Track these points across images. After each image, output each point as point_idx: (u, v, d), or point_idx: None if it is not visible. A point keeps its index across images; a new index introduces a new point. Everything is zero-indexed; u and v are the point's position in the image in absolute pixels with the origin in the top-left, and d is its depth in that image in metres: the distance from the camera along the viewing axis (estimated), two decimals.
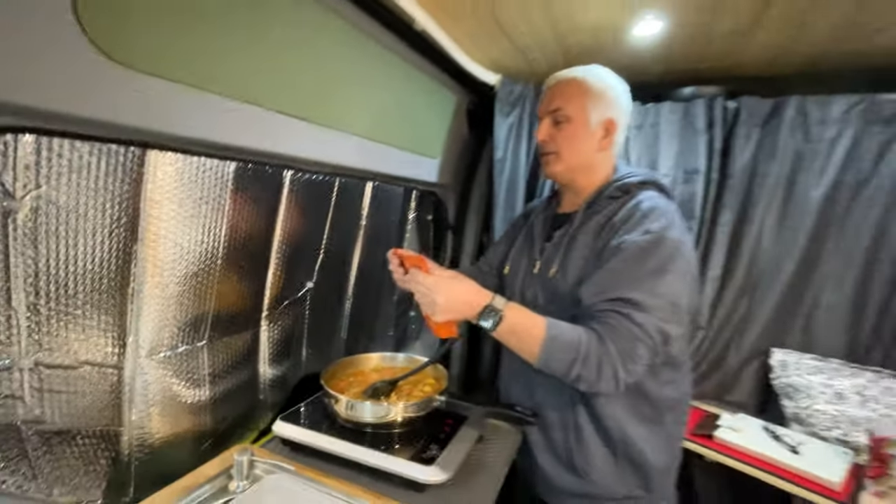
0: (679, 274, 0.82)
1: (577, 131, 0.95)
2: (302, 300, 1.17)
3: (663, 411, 0.93)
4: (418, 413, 0.94)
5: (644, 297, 0.79)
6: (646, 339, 0.79)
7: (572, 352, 0.79)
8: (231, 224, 0.90)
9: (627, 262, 0.82)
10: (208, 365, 0.92)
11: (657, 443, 0.93)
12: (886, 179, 1.26)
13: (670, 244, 0.83)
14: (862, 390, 1.28)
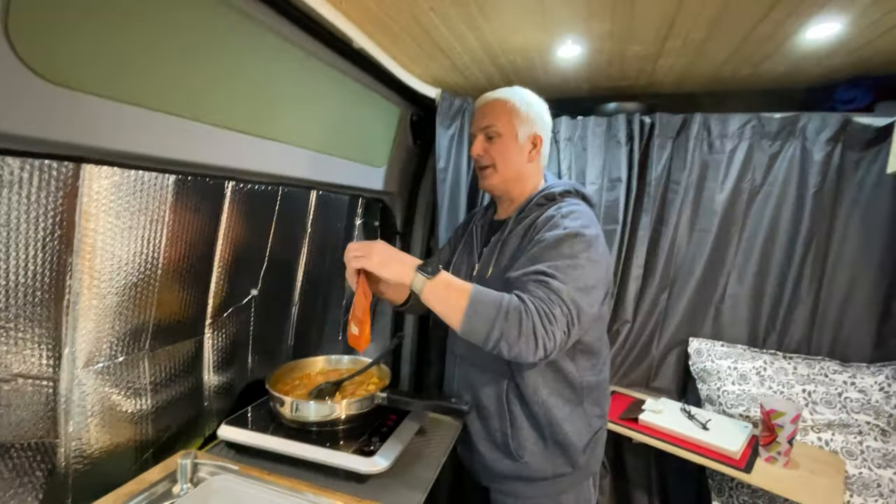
0: (591, 262, 0.92)
1: (507, 145, 1.05)
2: (247, 307, 1.19)
3: (583, 395, 1.04)
4: (361, 410, 0.99)
5: (559, 273, 0.88)
6: (561, 304, 0.85)
7: (494, 308, 0.84)
8: (171, 234, 0.91)
9: (546, 248, 0.92)
10: (149, 374, 0.93)
11: (578, 423, 1.03)
12: (775, 187, 1.46)
13: (585, 238, 0.93)
14: (761, 371, 1.46)
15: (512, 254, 1.02)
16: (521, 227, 1.03)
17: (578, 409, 1.04)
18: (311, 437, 0.94)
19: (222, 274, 1.08)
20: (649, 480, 1.65)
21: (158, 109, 0.76)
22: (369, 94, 1.36)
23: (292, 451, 0.89)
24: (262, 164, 1.04)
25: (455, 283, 0.89)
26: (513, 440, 1.03)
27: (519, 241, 1.02)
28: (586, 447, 1.05)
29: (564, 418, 1.01)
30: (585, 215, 0.99)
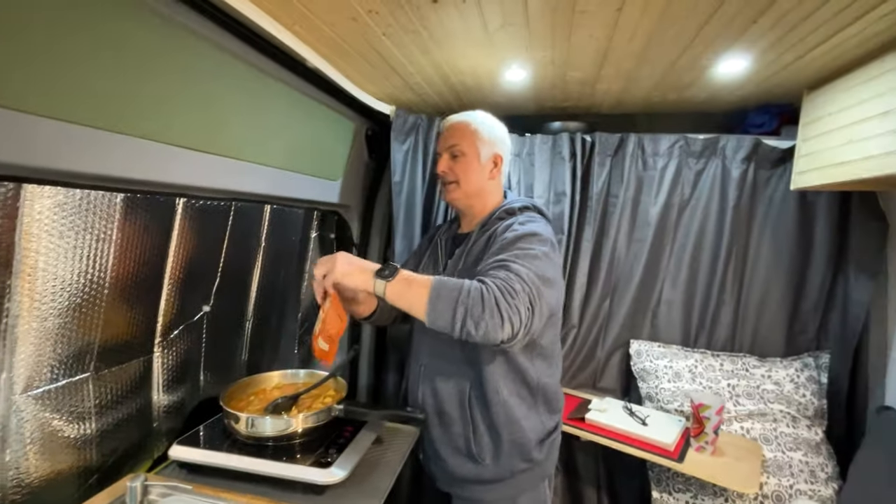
0: (548, 258, 1.01)
1: (470, 163, 1.16)
2: (199, 324, 1.17)
3: (538, 396, 1.12)
4: (318, 423, 1.01)
5: (518, 259, 0.96)
6: (521, 282, 0.91)
7: (456, 289, 0.88)
8: (119, 253, 0.90)
9: (506, 245, 1.01)
10: (94, 397, 0.91)
11: (533, 421, 1.11)
12: (700, 201, 1.61)
13: (542, 238, 1.03)
14: (692, 369, 1.60)
15: (475, 260, 1.09)
16: (484, 238, 1.11)
17: (534, 409, 1.11)
18: (267, 453, 0.94)
19: (173, 291, 1.06)
20: (598, 477, 1.75)
21: (104, 128, 0.75)
22: (324, 110, 1.38)
23: (248, 466, 0.90)
24: (213, 180, 1.04)
25: (415, 277, 0.93)
26: (475, 444, 1.09)
27: (481, 249, 1.10)
28: (541, 443, 1.12)
29: (522, 416, 1.08)
30: (541, 225, 1.10)
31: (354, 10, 0.94)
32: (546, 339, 1.12)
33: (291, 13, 0.94)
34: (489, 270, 0.96)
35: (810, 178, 1.34)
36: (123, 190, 0.87)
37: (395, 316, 1.29)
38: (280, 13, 0.93)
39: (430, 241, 1.32)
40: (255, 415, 0.97)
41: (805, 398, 1.50)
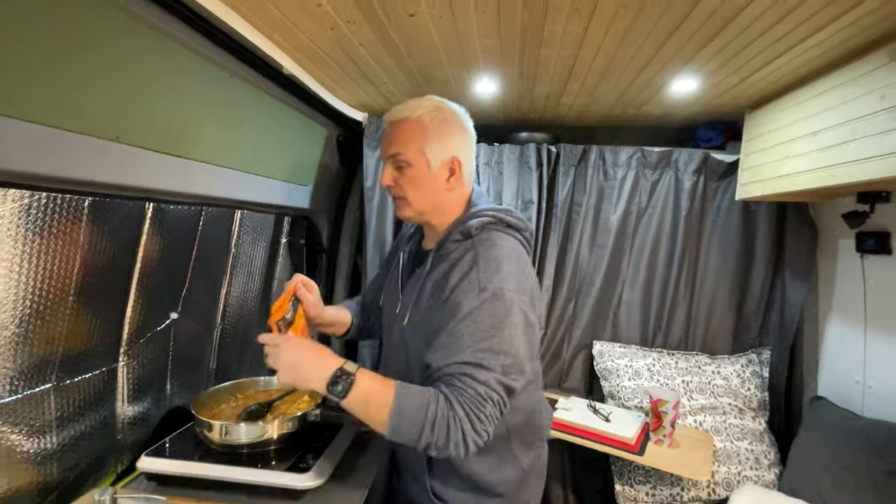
0: (515, 327, 0.82)
1: (418, 175, 0.91)
2: (166, 332, 1.14)
3: (510, 440, 0.94)
4: (294, 429, 1.00)
5: (482, 356, 0.79)
6: (491, 395, 0.79)
7: (420, 418, 0.77)
8: (84, 259, 0.87)
9: (465, 322, 0.81)
10: (55, 409, 0.87)
11: (504, 474, 0.94)
12: (656, 209, 1.72)
13: (505, 300, 0.82)
14: (651, 367, 1.70)
15: (428, 303, 0.90)
16: (439, 273, 0.91)
17: (507, 455, 0.95)
18: (242, 460, 0.93)
19: (140, 298, 1.03)
20: (563, 473, 1.82)
21: (71, 130, 0.73)
22: (296, 115, 1.38)
23: (223, 475, 0.88)
24: (183, 184, 1.02)
25: (374, 393, 0.80)
26: (433, 487, 0.94)
27: (436, 290, 0.90)
28: (520, 486, 0.98)
29: (490, 471, 0.93)
30: (504, 260, 0.86)
31: (334, 21, 0.96)
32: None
33: (271, 22, 0.94)
34: (454, 380, 0.79)
35: (752, 190, 1.46)
36: (90, 194, 0.85)
37: (376, 331, 1.18)
38: (259, 21, 0.94)
39: (394, 251, 1.16)
40: (229, 422, 0.96)
41: (749, 391, 1.63)
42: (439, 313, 0.86)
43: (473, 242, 0.89)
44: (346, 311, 1.14)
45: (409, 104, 0.93)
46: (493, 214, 0.93)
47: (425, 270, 0.93)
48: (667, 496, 1.52)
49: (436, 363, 0.83)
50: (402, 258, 1.06)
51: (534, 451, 1.01)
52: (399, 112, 0.93)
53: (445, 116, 0.93)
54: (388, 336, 1.03)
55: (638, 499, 1.53)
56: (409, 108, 0.92)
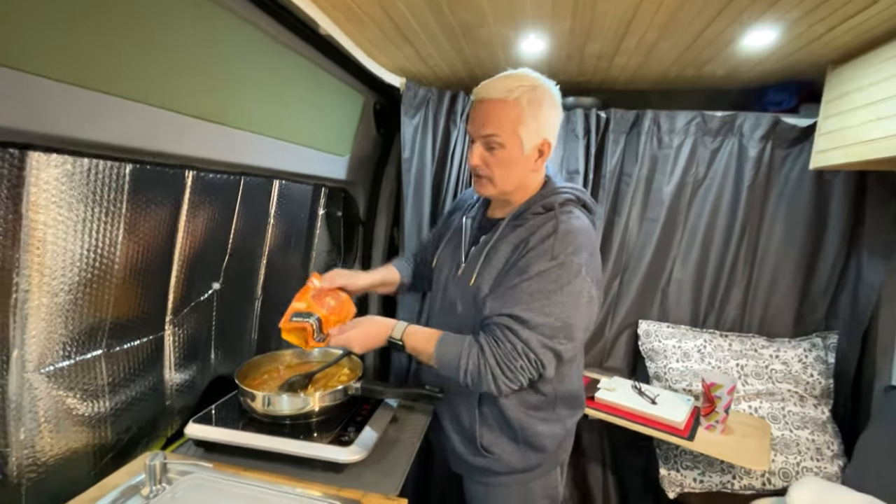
0: (575, 297, 0.88)
1: (510, 157, 0.93)
2: (209, 302, 1.14)
3: (556, 402, 1.02)
4: (335, 401, 0.99)
5: (533, 315, 0.86)
6: (527, 354, 0.86)
7: (454, 366, 0.90)
8: (129, 227, 0.86)
9: (527, 281, 0.88)
10: (107, 375, 0.88)
11: (553, 427, 1.03)
12: (715, 180, 1.58)
13: (572, 268, 0.88)
14: (701, 349, 1.60)
15: (499, 268, 0.96)
16: (515, 237, 0.96)
17: (552, 415, 1.03)
18: (284, 431, 0.93)
19: (183, 268, 1.03)
20: (603, 454, 1.77)
21: (115, 94, 0.71)
22: (333, 82, 1.33)
23: (267, 445, 0.88)
24: (224, 152, 0.99)
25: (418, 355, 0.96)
26: (483, 438, 1.02)
27: (509, 253, 0.95)
28: (560, 444, 1.07)
29: (538, 423, 1.01)
30: (582, 234, 0.92)
31: None
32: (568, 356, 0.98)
33: None
34: (496, 330, 0.89)
35: (831, 157, 1.31)
36: (133, 160, 0.83)
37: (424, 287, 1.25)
38: None
39: (450, 215, 1.20)
40: (271, 393, 0.96)
41: (812, 378, 1.51)
42: (506, 272, 0.94)
43: (555, 215, 0.94)
44: (395, 271, 1.23)
45: (505, 81, 0.92)
46: (574, 192, 0.99)
47: (495, 238, 0.98)
48: (716, 483, 1.44)
49: (488, 311, 0.92)
50: (466, 224, 1.10)
51: (575, 415, 1.10)
52: (494, 89, 0.92)
53: (541, 97, 0.92)
54: (441, 294, 1.09)
55: (684, 484, 1.46)
56: (506, 86, 0.91)
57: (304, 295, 0.98)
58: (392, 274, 1.22)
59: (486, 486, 1.09)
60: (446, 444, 1.13)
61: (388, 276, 1.21)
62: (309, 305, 0.97)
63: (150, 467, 0.78)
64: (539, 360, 0.87)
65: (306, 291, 0.98)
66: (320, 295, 0.99)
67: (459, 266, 1.05)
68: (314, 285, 1.00)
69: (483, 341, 0.90)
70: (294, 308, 0.96)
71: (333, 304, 0.99)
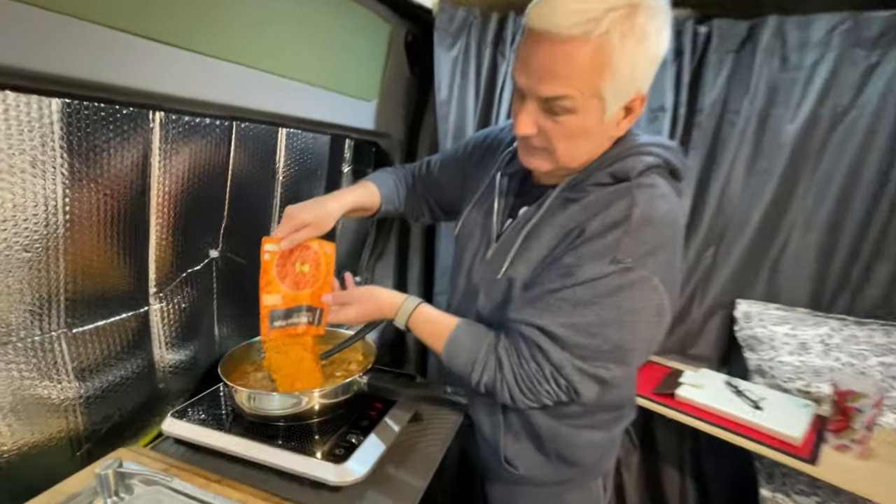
0: (635, 313, 0.64)
1: (583, 126, 0.63)
2: (206, 272, 0.99)
3: (598, 411, 0.81)
4: (338, 398, 0.80)
5: (572, 334, 0.65)
6: (557, 379, 0.67)
7: (465, 374, 0.73)
8: (71, 184, 0.70)
9: (575, 289, 0.64)
10: (70, 358, 0.75)
11: (591, 437, 0.82)
12: (866, 110, 1.14)
13: (641, 278, 0.62)
14: (826, 339, 1.22)
15: (539, 258, 0.71)
16: (567, 218, 0.69)
17: (592, 421, 0.81)
18: (275, 434, 0.76)
19: (164, 234, 0.87)
20: (681, 456, 1.47)
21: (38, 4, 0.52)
22: (353, 7, 1.07)
23: (247, 452, 0.72)
24: (203, 89, 0.79)
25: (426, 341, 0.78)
26: (506, 449, 0.83)
27: (555, 239, 0.70)
28: (604, 454, 0.86)
29: (573, 432, 0.80)
30: (665, 225, 0.64)
31: None
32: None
33: None
34: (520, 343, 0.69)
35: None
36: (72, 95, 0.65)
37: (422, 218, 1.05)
38: None
39: (483, 154, 0.90)
40: (258, 390, 0.78)
41: None
42: (548, 266, 0.69)
43: (631, 190, 0.65)
44: (373, 192, 0.95)
45: (582, 2, 0.55)
46: (661, 154, 0.68)
47: (541, 212, 0.72)
48: None
49: (515, 313, 0.70)
50: (501, 184, 0.82)
51: (623, 420, 0.87)
52: (564, 16, 0.56)
53: (643, 24, 0.56)
54: (465, 275, 0.85)
55: None
56: (584, 11, 0.55)
57: (268, 278, 0.77)
58: (369, 196, 0.94)
59: (510, 492, 0.89)
60: (473, 451, 0.93)
61: (364, 200, 0.93)
62: (282, 295, 0.77)
63: (102, 478, 0.63)
64: (572, 387, 0.68)
65: (268, 271, 0.78)
66: (286, 265, 0.78)
67: (489, 245, 0.80)
68: (272, 253, 0.79)
69: (503, 354, 0.70)
70: (268, 307, 0.76)
71: (309, 271, 0.78)
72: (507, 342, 0.70)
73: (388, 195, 0.97)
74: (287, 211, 0.82)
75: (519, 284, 0.72)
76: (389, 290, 0.81)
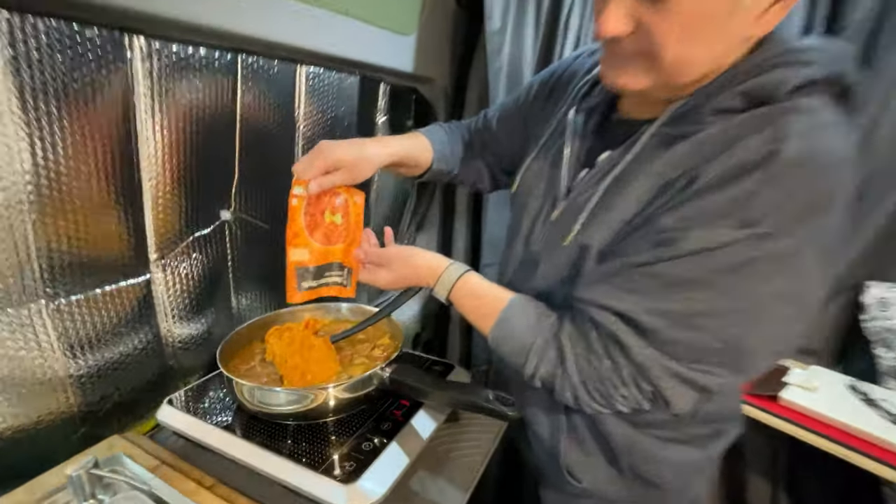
0: (771, 300, 0.44)
1: (705, 13, 0.42)
2: (218, 236, 0.87)
3: (691, 421, 0.61)
4: (356, 394, 0.65)
5: (665, 326, 0.46)
6: (638, 383, 0.49)
7: (518, 364, 0.56)
8: (36, 127, 0.57)
9: (674, 261, 0.45)
10: (56, 331, 0.66)
11: (681, 454, 0.63)
12: None
13: (780, 258, 0.42)
14: None
15: (625, 218, 0.51)
16: (668, 162, 0.49)
17: (682, 434, 0.62)
18: (283, 434, 0.63)
19: (161, 190, 0.74)
20: (774, 467, 1.23)
21: None
22: None
23: (245, 459, 0.59)
24: (200, 10, 0.64)
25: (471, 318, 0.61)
26: (567, 456, 0.66)
27: (649, 193, 0.50)
28: (693, 476, 0.67)
29: (657, 445, 0.62)
30: (828, 166, 0.41)
31: None
32: None
33: None
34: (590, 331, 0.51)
35: None
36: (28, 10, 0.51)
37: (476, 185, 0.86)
38: None
39: (550, 93, 0.71)
40: (259, 385, 0.65)
41: None
42: (643, 232, 0.49)
43: (775, 118, 0.43)
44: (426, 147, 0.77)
45: None
46: (828, 65, 0.44)
47: (627, 156, 0.52)
48: None
49: (587, 293, 0.52)
50: (573, 123, 0.61)
51: (723, 436, 0.66)
52: None
53: None
54: (519, 243, 0.67)
55: None
56: None
57: (296, 229, 0.62)
58: (419, 149, 0.76)
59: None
60: (524, 447, 0.76)
61: (413, 152, 0.75)
62: (311, 250, 0.62)
63: (73, 480, 0.53)
64: (661, 395, 0.49)
65: (295, 220, 0.63)
66: (315, 214, 0.63)
67: (555, 203, 0.62)
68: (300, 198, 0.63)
69: (567, 343, 0.52)
70: (295, 264, 0.62)
71: (341, 223, 0.63)
72: (573, 329, 0.53)
73: (442, 152, 0.79)
74: (319, 145, 0.66)
75: (594, 253, 0.54)
76: (432, 254, 0.66)
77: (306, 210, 0.63)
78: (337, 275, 0.66)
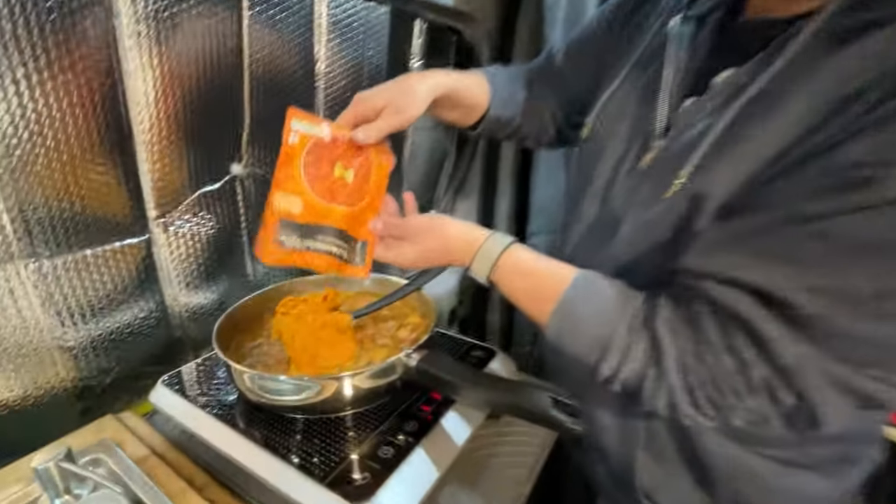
0: None
1: None
2: (228, 192, 0.76)
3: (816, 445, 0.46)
4: (376, 384, 0.54)
5: (837, 312, 0.32)
6: (773, 394, 0.34)
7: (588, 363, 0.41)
8: None
9: (842, 217, 0.31)
10: (40, 297, 0.57)
11: (805, 494, 0.48)
12: None
13: None
14: None
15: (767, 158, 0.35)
16: (837, 71, 0.33)
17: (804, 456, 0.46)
18: (289, 429, 0.53)
19: (157, 139, 0.64)
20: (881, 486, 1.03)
21: None
22: None
23: (242, 459, 0.49)
24: None
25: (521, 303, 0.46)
26: (642, 474, 0.51)
27: (815, 117, 0.33)
28: None
29: (771, 473, 0.46)
30: None
31: None
32: None
33: None
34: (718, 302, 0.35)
35: None
36: None
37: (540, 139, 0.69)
38: None
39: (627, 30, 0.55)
40: (261, 372, 0.55)
41: None
42: (790, 176, 0.34)
43: None
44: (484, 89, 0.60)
45: None
46: None
47: (772, 68, 0.36)
48: None
49: (702, 260, 0.37)
50: (676, 35, 0.46)
51: (860, 462, 0.49)
52: None
53: None
54: (591, 202, 0.52)
55: None
56: None
57: (289, 171, 0.49)
58: (474, 88, 0.60)
59: None
60: (582, 458, 0.62)
61: (467, 91, 0.58)
62: (304, 201, 0.49)
63: (42, 473, 0.45)
64: (810, 409, 0.34)
65: (291, 161, 0.49)
66: (321, 163, 0.50)
67: (647, 144, 0.46)
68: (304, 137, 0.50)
69: (665, 334, 0.37)
70: (280, 213, 0.49)
71: (353, 181, 0.50)
72: (674, 313, 0.38)
73: (501, 95, 0.62)
74: (357, 96, 0.53)
75: (712, 207, 0.37)
76: (465, 223, 0.51)
77: (309, 155, 0.49)
78: (334, 243, 0.52)
